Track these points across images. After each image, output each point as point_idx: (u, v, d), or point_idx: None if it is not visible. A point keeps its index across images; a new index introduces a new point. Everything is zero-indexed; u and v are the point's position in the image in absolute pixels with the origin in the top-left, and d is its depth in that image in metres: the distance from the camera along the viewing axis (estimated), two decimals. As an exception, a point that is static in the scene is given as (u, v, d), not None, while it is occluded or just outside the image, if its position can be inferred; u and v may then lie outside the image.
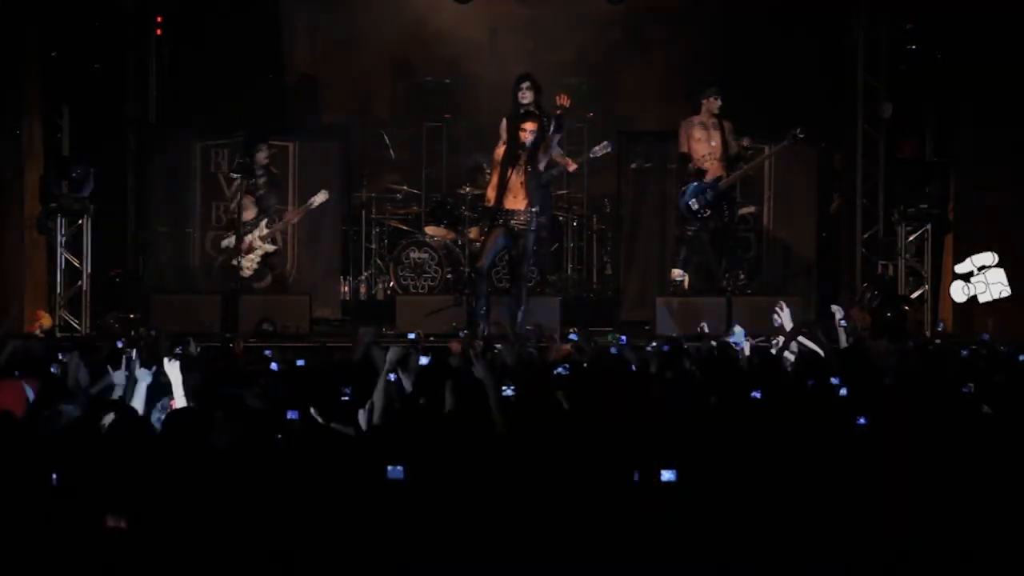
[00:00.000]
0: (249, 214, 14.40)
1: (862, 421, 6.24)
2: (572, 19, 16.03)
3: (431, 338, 11.74)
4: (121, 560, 4.53)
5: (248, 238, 14.32)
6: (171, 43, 15.85)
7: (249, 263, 14.34)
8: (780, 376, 8.27)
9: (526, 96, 13.57)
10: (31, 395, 6.66)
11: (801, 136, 13.77)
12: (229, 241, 14.51)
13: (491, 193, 13.16)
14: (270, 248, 14.42)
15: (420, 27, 16.01)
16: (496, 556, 4.87)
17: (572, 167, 14.01)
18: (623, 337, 11.62)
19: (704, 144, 13.88)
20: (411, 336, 11.37)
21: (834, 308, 10.21)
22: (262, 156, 14.44)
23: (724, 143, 13.90)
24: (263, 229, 14.35)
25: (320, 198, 14.29)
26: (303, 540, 4.80)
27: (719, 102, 13.85)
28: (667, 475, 5.21)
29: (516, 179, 12.97)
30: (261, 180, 14.45)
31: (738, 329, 9.96)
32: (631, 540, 4.93)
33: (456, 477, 5.21)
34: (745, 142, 14.05)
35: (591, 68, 16.17)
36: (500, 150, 13.20)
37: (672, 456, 5.35)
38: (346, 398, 6.30)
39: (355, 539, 4.88)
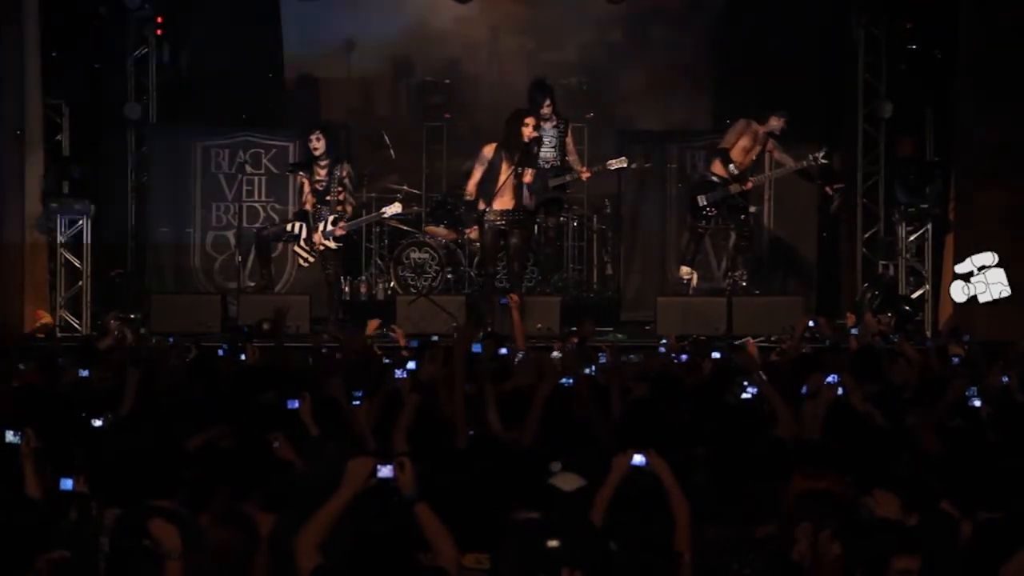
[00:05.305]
0: (309, 204, 13.78)
1: None
2: (572, 19, 16.04)
3: (432, 338, 11.71)
4: None
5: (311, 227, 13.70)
6: (171, 43, 15.86)
7: (305, 253, 13.81)
8: None
9: (547, 109, 13.68)
10: None
11: (824, 161, 13.86)
12: (294, 226, 13.87)
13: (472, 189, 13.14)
14: (332, 245, 13.70)
15: (420, 27, 16.01)
16: None
17: (586, 175, 13.99)
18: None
19: (742, 154, 13.90)
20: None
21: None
22: (316, 145, 13.58)
23: (758, 160, 13.98)
24: (328, 224, 13.66)
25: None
26: None
27: (782, 124, 13.87)
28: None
29: (511, 178, 12.92)
30: (322, 169, 13.65)
31: None
32: None
33: None
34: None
35: (591, 68, 16.18)
36: (490, 148, 13.08)
37: None
38: (357, 402, 6.42)
39: None
